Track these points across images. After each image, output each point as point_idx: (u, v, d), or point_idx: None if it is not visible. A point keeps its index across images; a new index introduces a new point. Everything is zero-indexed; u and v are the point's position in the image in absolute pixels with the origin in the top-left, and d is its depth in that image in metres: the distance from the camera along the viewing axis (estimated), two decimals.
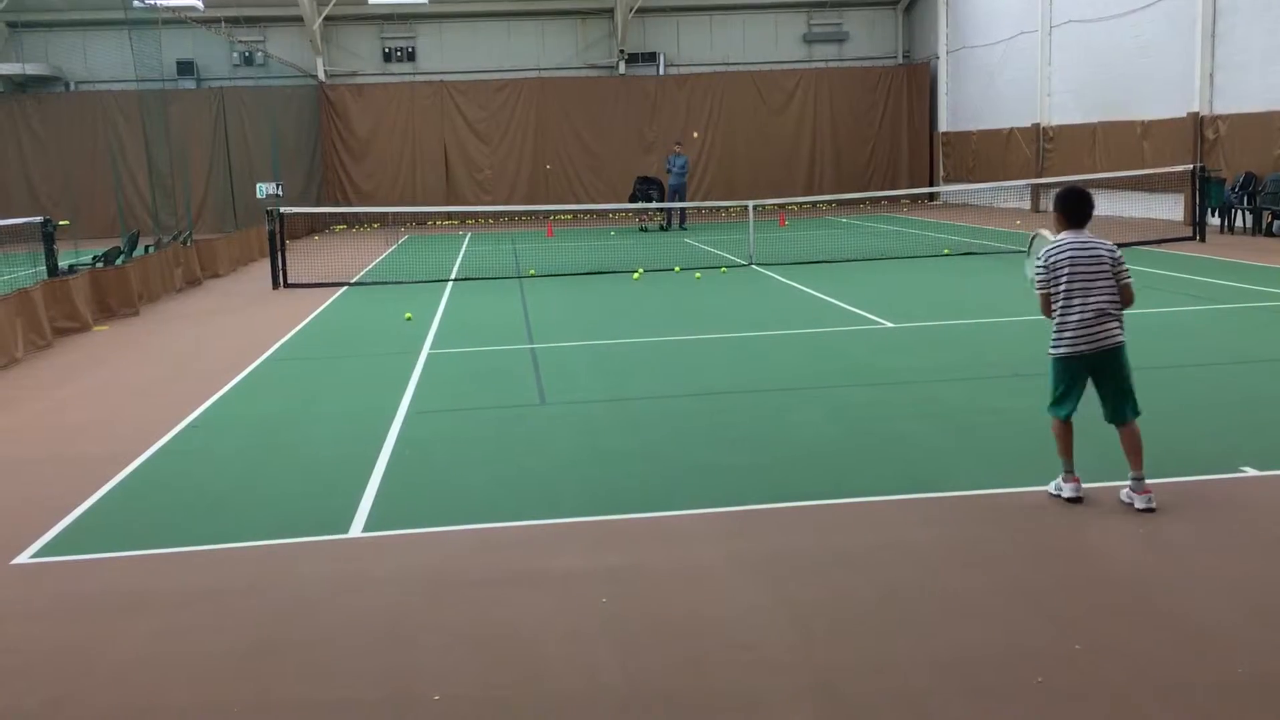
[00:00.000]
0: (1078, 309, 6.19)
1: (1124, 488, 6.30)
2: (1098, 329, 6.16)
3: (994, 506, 6.40)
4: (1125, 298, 6.23)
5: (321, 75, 34.67)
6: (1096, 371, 6.26)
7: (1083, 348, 6.19)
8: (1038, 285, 6.31)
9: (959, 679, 4.40)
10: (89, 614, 5.41)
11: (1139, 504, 6.16)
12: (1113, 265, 6.21)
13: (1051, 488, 6.45)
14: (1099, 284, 6.18)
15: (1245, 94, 21.93)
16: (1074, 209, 6.28)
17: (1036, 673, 4.41)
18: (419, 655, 4.81)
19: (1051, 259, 6.23)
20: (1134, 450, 6.23)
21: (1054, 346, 6.31)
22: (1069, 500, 6.30)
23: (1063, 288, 6.21)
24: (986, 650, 4.64)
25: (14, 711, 4.47)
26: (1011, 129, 30.68)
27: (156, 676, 4.72)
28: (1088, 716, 4.09)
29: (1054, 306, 6.27)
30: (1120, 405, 6.27)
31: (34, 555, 6.23)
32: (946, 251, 20.20)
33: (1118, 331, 6.20)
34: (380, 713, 4.34)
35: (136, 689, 4.62)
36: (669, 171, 29.07)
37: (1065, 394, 6.32)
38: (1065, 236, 6.30)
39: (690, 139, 29.44)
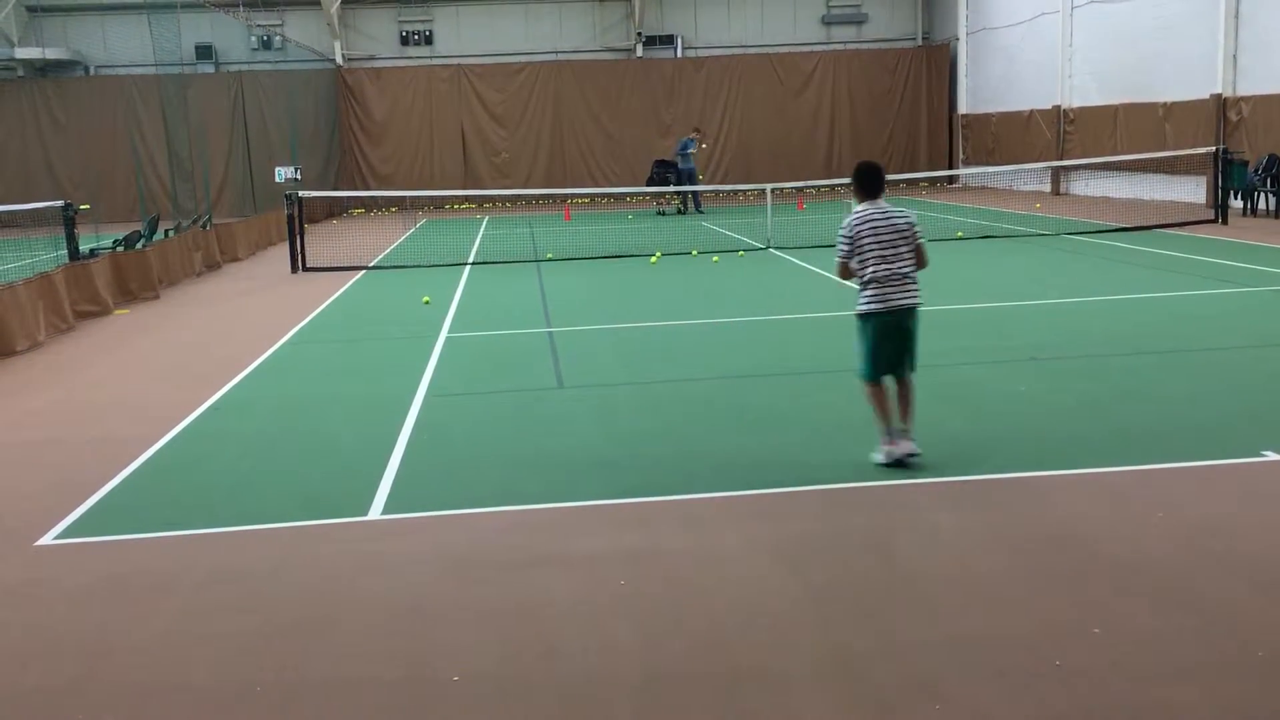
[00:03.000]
0: (885, 271, 6.63)
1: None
2: (905, 288, 6.67)
3: (1014, 490, 6.38)
4: (920, 260, 6.77)
5: (339, 59, 34.69)
6: (897, 327, 6.73)
7: (885, 303, 6.66)
8: (839, 254, 6.78)
9: (977, 660, 4.40)
10: (113, 595, 5.46)
11: (901, 450, 6.71)
12: (910, 230, 6.75)
13: (881, 456, 6.77)
14: (900, 249, 6.69)
15: (1269, 75, 21.71)
16: (869, 182, 6.80)
17: (1055, 655, 4.40)
18: (439, 636, 4.84)
19: (852, 229, 6.69)
20: (910, 403, 6.83)
21: (863, 304, 6.72)
22: (884, 465, 6.69)
23: (870, 254, 6.66)
24: (1005, 633, 4.64)
25: (39, 691, 4.52)
26: (1032, 111, 30.45)
27: (179, 656, 4.76)
28: (1106, 699, 4.09)
29: (860, 271, 6.71)
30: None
31: (58, 537, 6.29)
32: (959, 235, 20.10)
33: (916, 291, 6.77)
34: (400, 692, 4.37)
35: (160, 669, 4.66)
36: (686, 154, 28.81)
37: (874, 353, 6.76)
38: (865, 208, 6.75)
39: (692, 133, 29.46)
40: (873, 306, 6.68)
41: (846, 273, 6.84)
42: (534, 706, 4.22)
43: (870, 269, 6.64)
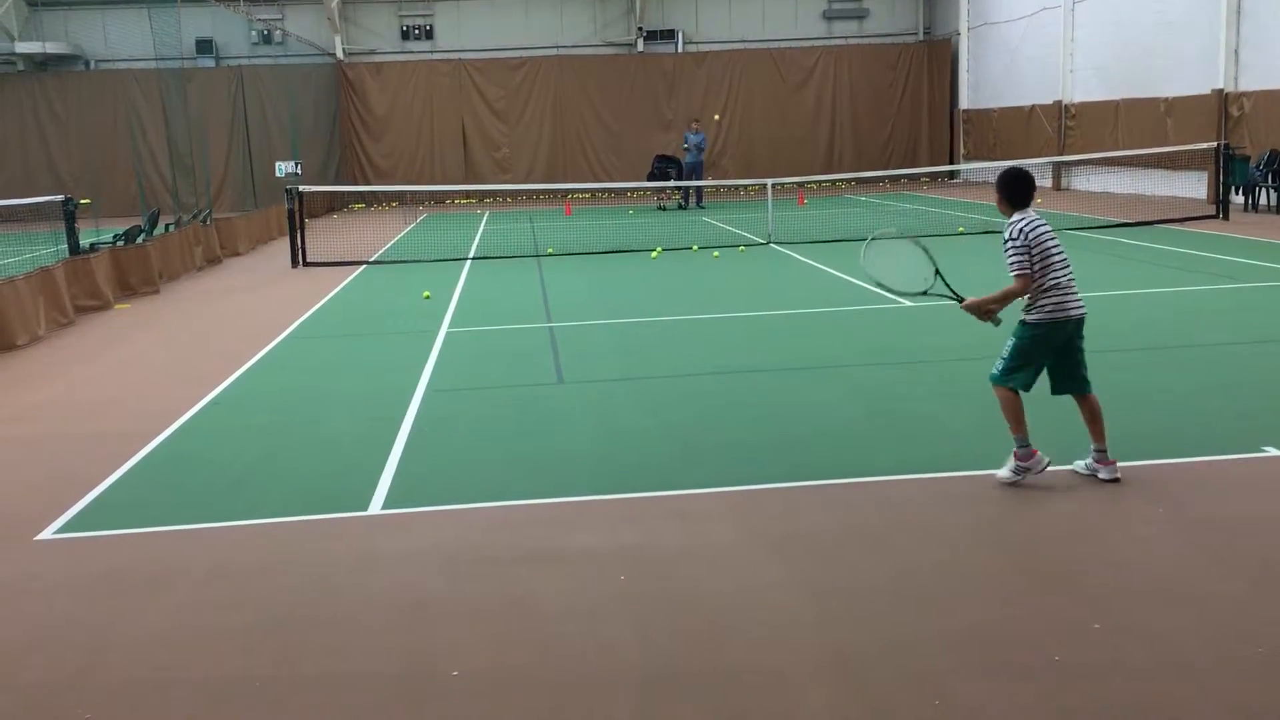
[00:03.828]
0: (1067, 277, 6.22)
1: (1085, 460, 6.42)
2: (1077, 296, 6.27)
3: (1013, 486, 6.37)
4: None
5: (340, 53, 34.66)
6: (1069, 339, 6.29)
7: (1067, 314, 6.20)
8: (1019, 267, 6.18)
9: (976, 657, 4.40)
10: (112, 589, 5.46)
11: (1104, 475, 6.28)
12: None
13: (1007, 472, 6.31)
14: (1065, 256, 6.30)
15: (1271, 70, 21.68)
16: (1027, 190, 6.36)
17: (1054, 651, 4.40)
18: (437, 631, 4.84)
19: (1029, 238, 6.18)
20: (1099, 420, 6.33)
21: (1043, 312, 6.22)
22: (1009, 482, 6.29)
23: (1055, 259, 6.20)
24: (1004, 629, 4.64)
25: (38, 685, 4.52)
26: (1033, 106, 30.43)
27: (178, 651, 4.76)
28: (1104, 695, 4.08)
29: (1041, 279, 6.20)
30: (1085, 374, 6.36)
31: (57, 531, 6.29)
32: (961, 230, 20.07)
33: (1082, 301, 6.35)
34: (398, 688, 4.37)
35: (158, 664, 4.66)
36: (685, 149, 28.96)
37: (1032, 363, 6.31)
38: (1026, 215, 6.28)
39: (711, 121, 29.35)
40: (1055, 315, 6.19)
41: (1027, 287, 6.20)
42: (531, 702, 4.22)
43: (1054, 275, 6.17)
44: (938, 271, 6.66)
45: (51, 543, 6.15)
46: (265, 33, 33.47)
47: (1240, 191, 21.81)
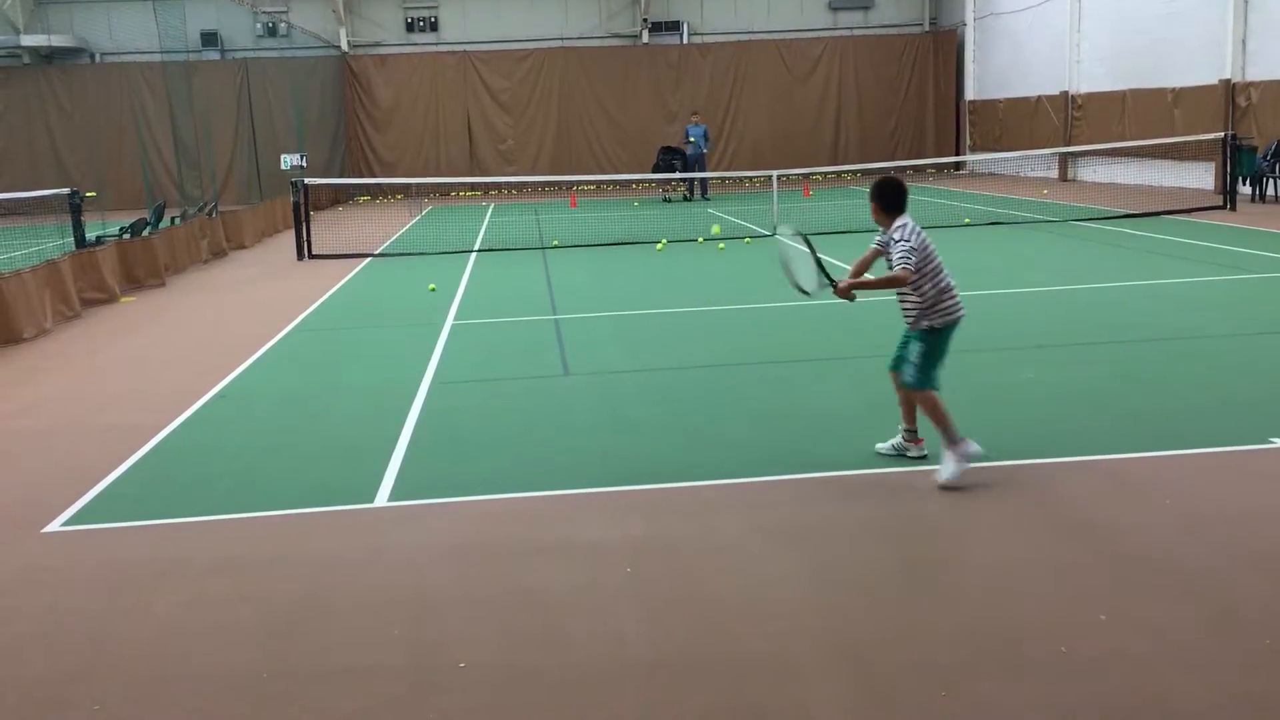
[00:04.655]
0: (949, 280, 6.47)
1: (894, 440, 6.79)
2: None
3: (1020, 477, 6.37)
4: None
5: (345, 46, 34.63)
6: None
7: (958, 314, 6.48)
8: (908, 260, 6.35)
9: (984, 649, 4.40)
10: (118, 582, 5.47)
11: (914, 453, 6.69)
12: None
13: (952, 471, 6.20)
14: None
15: (1278, 60, 21.58)
16: (903, 197, 6.57)
17: (1060, 643, 4.40)
18: (444, 624, 4.84)
19: (919, 239, 6.41)
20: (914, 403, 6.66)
21: (944, 315, 6.44)
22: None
23: (940, 262, 6.45)
24: (1011, 620, 4.63)
25: (43, 678, 4.54)
26: (1039, 97, 30.33)
27: (185, 644, 4.77)
28: (1111, 687, 4.08)
29: (931, 282, 6.41)
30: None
31: (64, 524, 6.30)
32: (967, 221, 20.03)
33: None
34: (406, 680, 4.37)
35: (164, 657, 4.67)
36: (688, 142, 28.89)
37: (940, 361, 6.53)
38: (907, 219, 6.48)
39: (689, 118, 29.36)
40: (951, 317, 6.45)
41: (910, 280, 6.37)
42: (539, 693, 4.22)
43: (945, 279, 6.45)
44: (818, 261, 6.93)
45: (58, 535, 6.17)
46: (270, 25, 33.45)
47: (1247, 182, 21.75)
